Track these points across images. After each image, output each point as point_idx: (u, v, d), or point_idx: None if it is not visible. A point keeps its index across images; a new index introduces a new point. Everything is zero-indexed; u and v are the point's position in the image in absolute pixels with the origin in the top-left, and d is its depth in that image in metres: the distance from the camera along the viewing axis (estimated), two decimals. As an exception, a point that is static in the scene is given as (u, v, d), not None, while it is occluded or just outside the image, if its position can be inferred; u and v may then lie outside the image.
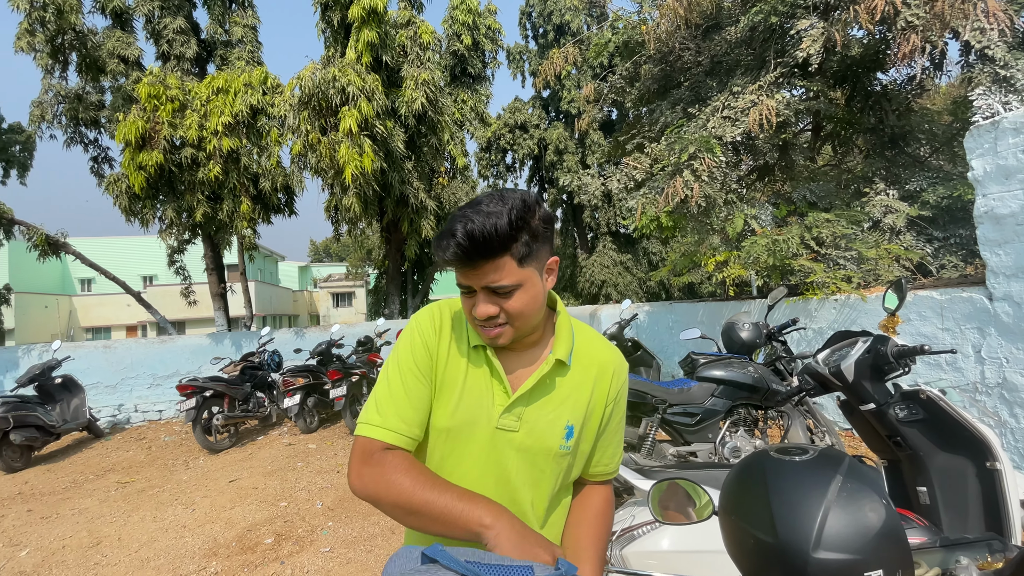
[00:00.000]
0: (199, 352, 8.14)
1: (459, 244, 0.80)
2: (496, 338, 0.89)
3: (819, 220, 4.86)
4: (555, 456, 0.93)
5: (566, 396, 0.95)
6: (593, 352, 1.00)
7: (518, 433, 0.91)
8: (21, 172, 15.55)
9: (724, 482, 0.94)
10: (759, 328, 3.52)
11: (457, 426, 0.92)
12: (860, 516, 0.74)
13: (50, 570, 3.19)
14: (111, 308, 25.34)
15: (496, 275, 0.83)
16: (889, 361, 1.96)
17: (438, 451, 0.95)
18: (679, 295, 18.17)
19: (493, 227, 0.80)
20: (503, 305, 0.86)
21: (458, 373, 0.94)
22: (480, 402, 0.92)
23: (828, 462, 0.82)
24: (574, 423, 0.94)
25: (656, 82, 7.39)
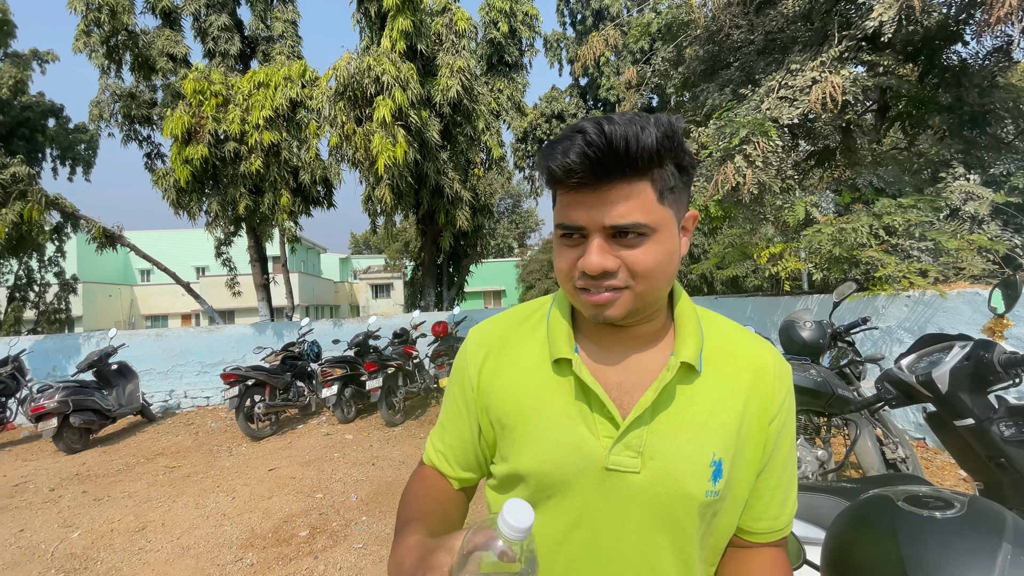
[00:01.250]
0: (243, 341, 8.37)
1: (589, 144, 0.57)
2: (604, 307, 0.63)
3: (891, 207, 4.42)
4: (700, 506, 0.65)
5: (707, 417, 0.66)
6: (738, 351, 0.71)
7: (640, 475, 0.65)
8: (86, 169, 16.53)
9: (831, 533, 0.75)
10: (823, 327, 3.21)
11: (546, 472, 0.68)
12: (1043, 605, 0.54)
13: (98, 553, 3.28)
14: (168, 297, 26.73)
15: (627, 207, 0.59)
16: (996, 371, 1.69)
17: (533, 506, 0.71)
18: (722, 289, 17.47)
19: (636, 134, 0.57)
20: (626, 258, 0.61)
21: (532, 399, 0.70)
22: (574, 434, 0.67)
23: (984, 522, 0.62)
24: (723, 456, 0.65)
25: (703, 64, 6.99)
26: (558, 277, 0.67)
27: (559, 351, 0.69)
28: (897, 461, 3.07)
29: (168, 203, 8.16)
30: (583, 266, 0.61)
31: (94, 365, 6.48)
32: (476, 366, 0.75)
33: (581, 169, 0.58)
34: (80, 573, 3.04)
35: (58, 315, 15.05)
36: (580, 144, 0.58)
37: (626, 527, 0.66)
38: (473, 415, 0.76)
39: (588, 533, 0.67)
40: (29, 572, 3.07)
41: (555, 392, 0.69)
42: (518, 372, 0.72)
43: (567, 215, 0.62)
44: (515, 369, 0.73)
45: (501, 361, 0.74)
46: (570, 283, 0.65)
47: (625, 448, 0.65)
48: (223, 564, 3.09)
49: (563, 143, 0.60)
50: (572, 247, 0.63)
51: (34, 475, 5.05)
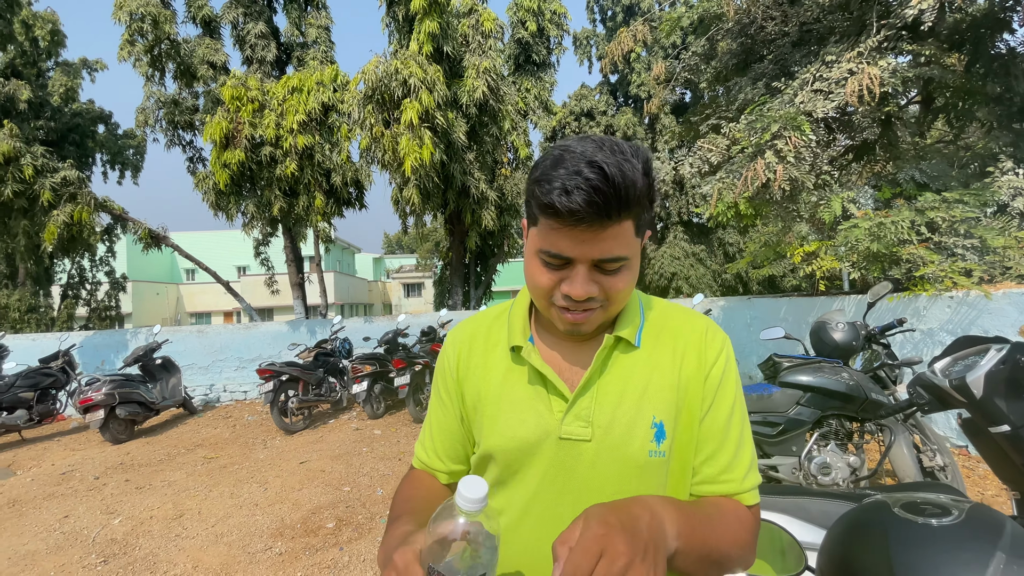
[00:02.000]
0: (279, 338, 8.65)
1: (596, 190, 0.59)
2: (580, 324, 0.69)
3: (935, 202, 4.19)
4: (644, 466, 0.70)
5: (645, 383, 0.72)
6: (673, 325, 0.78)
7: (591, 442, 0.70)
8: (134, 173, 17.40)
9: (827, 538, 0.73)
10: (856, 329, 3.09)
11: (511, 447, 0.74)
12: (1040, 619, 0.51)
13: (137, 539, 3.46)
14: (211, 296, 27.87)
15: (614, 244, 0.64)
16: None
17: (499, 482, 0.77)
18: (758, 289, 16.98)
19: (632, 176, 0.61)
20: (604, 283, 0.67)
21: (497, 385, 0.77)
22: (532, 411, 0.73)
23: (981, 530, 0.59)
24: (664, 417, 0.71)
25: (735, 57, 6.80)
26: (534, 292, 0.71)
27: (514, 340, 0.77)
28: (935, 469, 2.93)
29: (208, 205, 8.53)
30: (570, 292, 0.66)
31: (140, 360, 6.82)
32: (453, 361, 0.83)
33: (587, 214, 0.60)
34: (119, 558, 3.21)
35: (108, 312, 15.89)
36: (586, 190, 0.59)
37: (581, 494, 0.71)
38: (456, 406, 0.83)
39: (548, 503, 0.73)
40: (71, 556, 3.26)
41: (516, 377, 0.77)
42: (486, 363, 0.80)
43: (556, 245, 0.65)
44: (483, 360, 0.80)
45: (472, 354, 0.82)
46: (547, 299, 0.70)
47: (575, 419, 0.71)
48: (253, 552, 3.21)
49: (563, 180, 0.61)
50: (554, 269, 0.67)
51: (81, 464, 5.36)
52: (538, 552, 0.72)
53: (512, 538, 0.73)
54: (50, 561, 3.20)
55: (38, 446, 6.25)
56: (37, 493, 4.49)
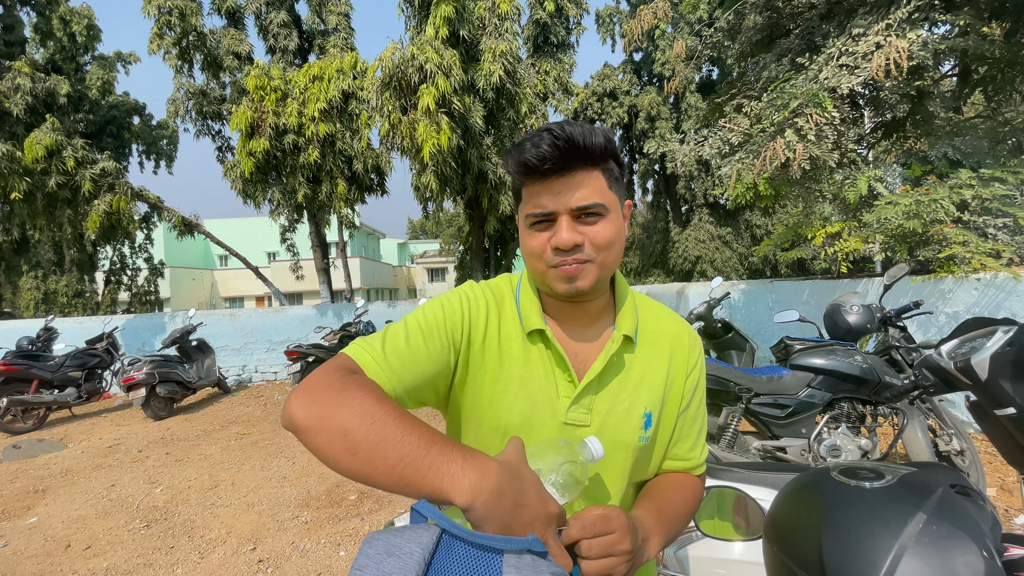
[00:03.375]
0: (306, 321, 8.95)
1: (557, 138, 0.70)
2: (576, 277, 0.73)
3: (969, 180, 4.02)
4: (633, 450, 0.80)
5: (640, 379, 0.82)
6: (661, 326, 0.87)
7: (589, 428, 0.79)
8: (168, 163, 17.97)
9: (774, 499, 0.78)
10: (871, 311, 3.04)
11: (517, 424, 0.79)
12: (946, 570, 0.56)
13: (177, 507, 3.71)
14: (244, 281, 28.80)
15: (587, 191, 0.72)
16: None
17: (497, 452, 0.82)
18: (786, 272, 16.56)
19: (590, 133, 0.72)
20: (588, 234, 0.73)
21: (513, 363, 0.81)
22: (543, 395, 0.79)
23: (909, 492, 0.64)
24: (652, 410, 0.81)
25: (759, 32, 6.57)
26: (529, 259, 0.78)
27: (534, 323, 0.80)
28: (952, 454, 2.89)
29: (236, 193, 8.81)
30: (556, 243, 0.72)
31: (177, 341, 7.17)
32: (477, 319, 0.80)
33: (552, 156, 0.70)
34: (160, 523, 3.47)
35: (148, 297, 16.63)
36: (549, 139, 0.70)
37: None
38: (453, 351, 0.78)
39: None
40: (117, 521, 3.53)
41: (530, 358, 0.81)
42: (502, 337, 0.82)
43: (538, 203, 0.73)
44: (501, 333, 0.82)
45: (491, 324, 0.81)
46: (542, 262, 0.75)
47: (579, 407, 0.79)
48: (281, 520, 3.42)
49: (531, 141, 0.72)
50: (542, 231, 0.74)
51: (125, 438, 5.72)
52: None
53: None
54: (99, 525, 3.47)
55: (87, 421, 6.69)
56: (87, 464, 4.83)
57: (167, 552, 3.07)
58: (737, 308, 6.98)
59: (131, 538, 3.26)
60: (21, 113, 10.36)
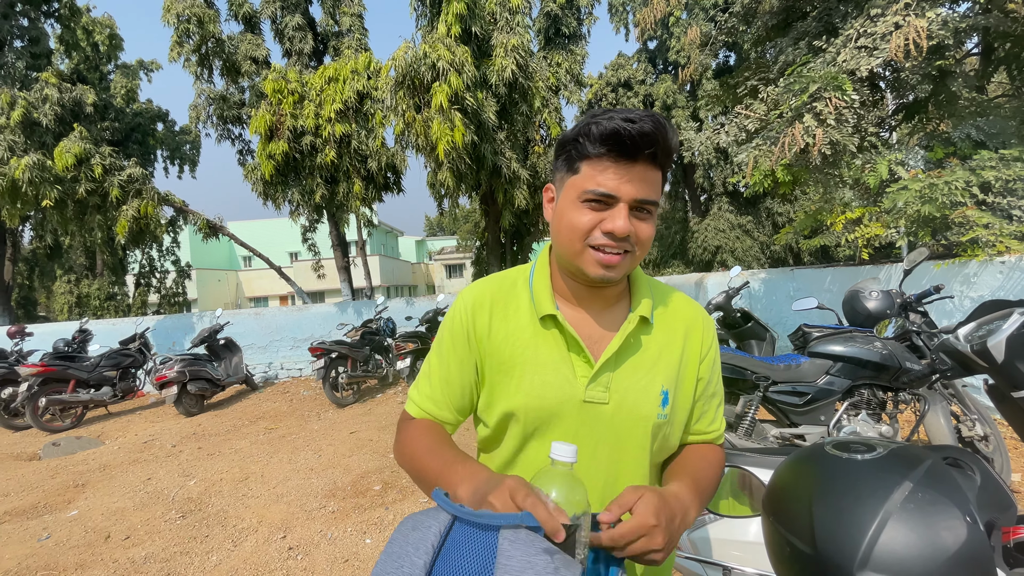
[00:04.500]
0: (328, 319, 9.14)
1: (658, 124, 0.72)
2: (613, 266, 0.77)
3: (992, 160, 3.92)
4: (653, 427, 0.83)
5: (656, 358, 0.85)
6: (676, 309, 0.91)
7: (608, 405, 0.81)
8: (192, 167, 18.42)
9: (772, 475, 0.82)
10: (891, 297, 3.01)
11: (536, 405, 0.82)
12: (929, 534, 0.59)
13: (210, 498, 3.87)
14: (268, 281, 29.41)
15: (651, 187, 0.75)
16: (1056, 339, 1.57)
17: (516, 437, 0.85)
18: (809, 260, 16.23)
19: (675, 134, 0.75)
20: (637, 227, 0.76)
21: (524, 349, 0.84)
22: (559, 376, 0.82)
23: (898, 463, 0.67)
24: (669, 388, 0.84)
25: (775, 16, 6.46)
26: (568, 233, 0.78)
27: (546, 308, 0.84)
28: (975, 439, 2.86)
29: (257, 195, 9.02)
30: (611, 228, 0.74)
31: (205, 340, 7.41)
32: (471, 320, 0.87)
33: (646, 140, 0.71)
34: (195, 514, 3.62)
35: (176, 298, 17.13)
36: (652, 123, 0.71)
37: (597, 448, 0.83)
38: (472, 361, 0.88)
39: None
40: (154, 512, 3.70)
41: (543, 342, 0.84)
42: (511, 326, 0.86)
43: (603, 183, 0.74)
44: (508, 324, 0.86)
45: (494, 317, 0.87)
46: (583, 241, 0.77)
47: (597, 385, 0.82)
48: (310, 510, 3.54)
49: (625, 115, 0.72)
50: (595, 211, 0.75)
51: (159, 434, 5.95)
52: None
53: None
54: (137, 516, 3.65)
55: (122, 419, 6.97)
56: (123, 459, 5.05)
57: (202, 541, 3.21)
58: (757, 297, 6.90)
59: (168, 528, 3.42)
60: (50, 123, 10.75)
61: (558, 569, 0.51)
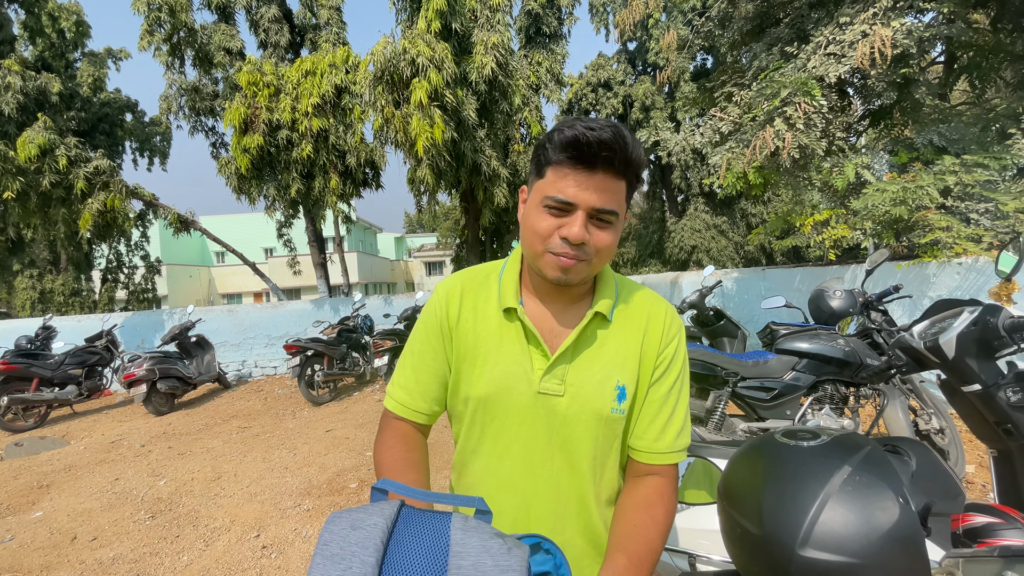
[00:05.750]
0: (304, 316, 9.01)
1: (617, 134, 0.72)
2: (567, 271, 0.79)
3: (954, 166, 4.09)
4: (607, 420, 0.84)
5: (614, 354, 0.85)
6: (639, 305, 0.90)
7: (563, 398, 0.83)
8: (162, 160, 17.89)
9: (727, 463, 0.86)
10: (853, 296, 3.13)
11: (493, 394, 0.85)
12: (865, 514, 0.64)
13: (181, 497, 3.80)
14: (241, 277, 28.74)
15: (611, 196, 0.75)
16: (1000, 336, 1.66)
17: (477, 424, 0.89)
18: (782, 260, 16.65)
19: (637, 144, 0.75)
20: (594, 236, 0.77)
21: (488, 339, 0.87)
22: (517, 367, 0.85)
23: (839, 449, 0.72)
24: (626, 383, 0.84)
25: (750, 22, 6.61)
26: (532, 237, 0.81)
27: (508, 302, 0.87)
28: (931, 432, 2.99)
29: (231, 189, 8.83)
30: (566, 234, 0.76)
31: (176, 338, 7.23)
32: (444, 310, 0.91)
33: (606, 148, 0.72)
34: (165, 514, 3.55)
35: (145, 294, 16.62)
36: (612, 132, 0.72)
37: (551, 442, 0.85)
38: (444, 350, 0.91)
39: (526, 446, 0.86)
40: (122, 513, 3.62)
41: (506, 334, 0.87)
42: (477, 316, 0.89)
43: (563, 190, 0.75)
44: (474, 314, 0.90)
45: (464, 307, 0.90)
46: (543, 244, 0.79)
47: (552, 377, 0.84)
48: (284, 508, 3.51)
49: (588, 124, 0.73)
50: (555, 216, 0.77)
51: (127, 434, 5.80)
52: (516, 489, 0.87)
53: (493, 477, 0.88)
54: (104, 517, 3.56)
55: (88, 419, 6.76)
56: (90, 459, 4.91)
57: (173, 541, 3.15)
58: (730, 296, 7.07)
59: (137, 529, 3.35)
60: (13, 112, 10.32)
61: (511, 549, 0.53)
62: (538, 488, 0.86)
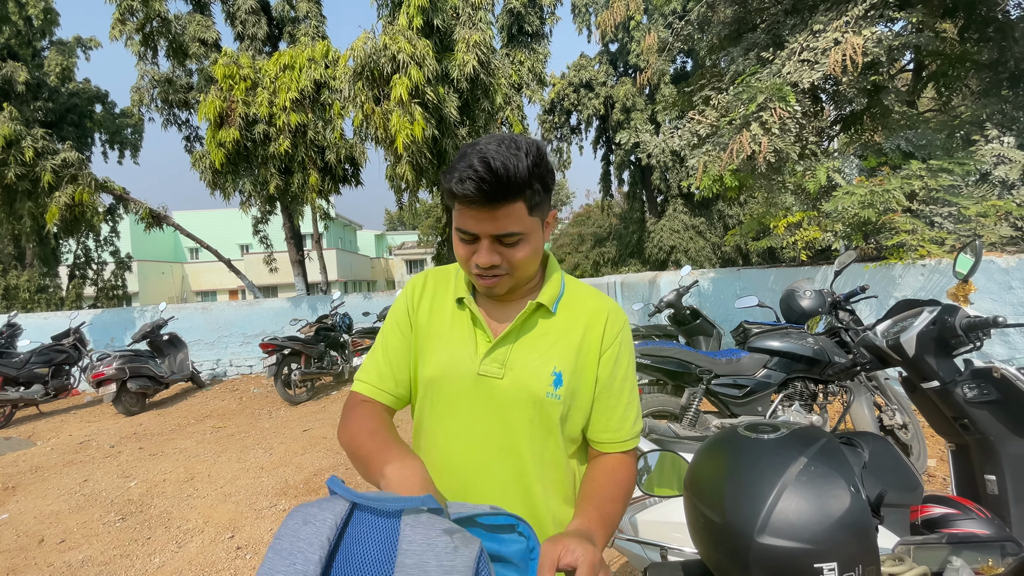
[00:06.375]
0: (281, 314, 8.88)
1: (482, 179, 0.75)
2: (493, 287, 0.87)
3: (920, 170, 4.25)
4: (542, 403, 0.88)
5: (554, 342, 0.91)
6: (583, 301, 0.96)
7: (502, 380, 0.89)
8: (133, 153, 17.38)
9: (693, 456, 0.89)
10: (822, 296, 3.23)
11: (439, 376, 0.92)
12: (819, 502, 0.67)
13: (152, 499, 3.72)
14: (216, 274, 28.08)
15: (507, 222, 0.80)
16: (957, 334, 1.74)
17: (427, 404, 0.95)
18: (757, 261, 17.02)
19: (515, 167, 0.77)
20: (506, 254, 0.84)
21: (442, 325, 0.95)
22: (462, 350, 0.91)
23: (797, 442, 0.75)
24: (563, 370, 0.89)
25: (728, 27, 6.74)
26: (458, 259, 0.90)
27: (459, 292, 0.95)
28: (895, 428, 3.10)
29: (206, 184, 8.63)
30: (476, 261, 0.84)
31: (147, 336, 7.06)
32: (411, 297, 1.00)
33: (476, 198, 0.78)
34: (136, 515, 3.47)
35: (115, 291, 16.13)
36: (475, 180, 0.76)
37: (491, 423, 0.90)
38: (409, 335, 0.98)
39: (471, 426, 0.91)
40: (92, 515, 3.53)
41: (457, 321, 0.95)
42: (434, 305, 0.98)
43: (464, 223, 0.82)
44: (432, 303, 0.98)
45: (424, 297, 0.99)
46: (468, 268, 0.88)
47: (493, 361, 0.90)
48: (259, 509, 3.46)
49: (461, 173, 0.77)
50: (468, 243, 0.85)
51: (97, 434, 5.64)
52: (456, 470, 0.91)
53: (444, 456, 0.93)
54: (72, 519, 3.46)
55: (55, 419, 6.56)
56: (57, 460, 4.77)
57: (144, 543, 3.09)
58: (707, 295, 7.20)
59: (106, 531, 3.27)
60: (-25, 101, 9.90)
61: (457, 548, 0.52)
62: (478, 470, 0.91)
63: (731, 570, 0.70)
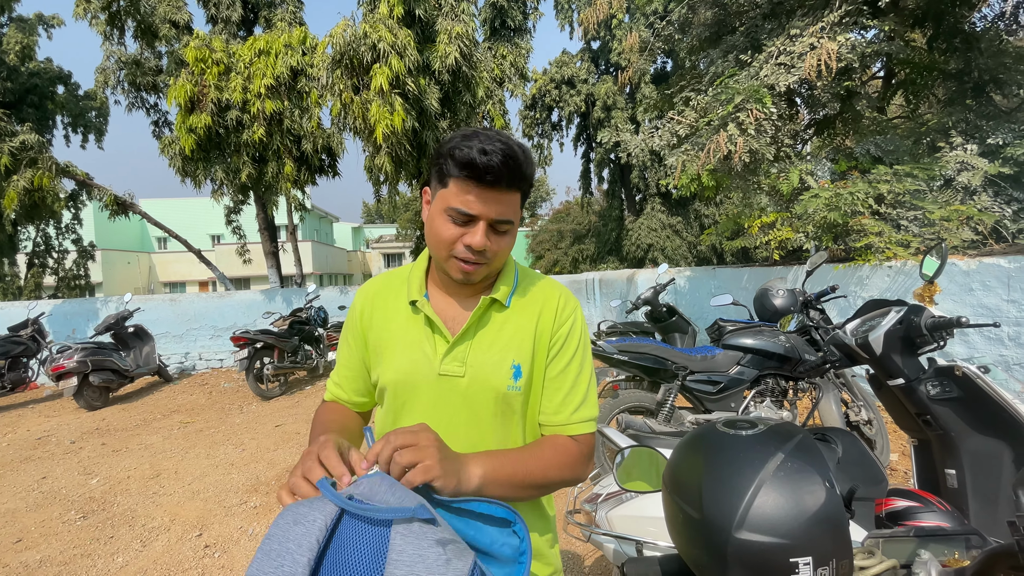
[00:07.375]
0: (253, 307, 8.66)
1: (508, 156, 0.78)
2: (472, 274, 0.87)
3: (886, 175, 4.40)
4: (503, 397, 0.89)
5: (511, 336, 0.92)
6: (536, 292, 0.98)
7: (463, 378, 0.89)
8: (98, 137, 16.65)
9: (672, 452, 0.89)
10: (795, 295, 3.31)
11: (400, 381, 0.92)
12: (795, 498, 0.68)
13: (115, 497, 3.59)
14: (185, 265, 27.29)
15: (507, 208, 0.83)
16: (922, 333, 1.80)
17: (391, 411, 0.95)
18: (732, 260, 17.38)
19: (526, 157, 0.81)
20: (494, 242, 0.85)
21: (395, 331, 0.95)
22: (419, 353, 0.91)
23: (774, 438, 0.76)
24: (521, 362, 0.91)
25: (708, 29, 6.82)
26: (437, 242, 0.87)
27: (412, 295, 0.94)
28: (860, 423, 3.21)
29: (175, 171, 8.34)
30: (471, 243, 0.83)
31: (111, 328, 6.80)
32: (359, 312, 1.00)
33: (500, 174, 0.79)
34: (98, 514, 3.35)
35: (77, 281, 15.47)
36: (502, 156, 0.78)
37: (455, 419, 0.90)
38: (360, 348, 0.99)
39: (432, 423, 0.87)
40: (51, 513, 3.39)
41: (411, 324, 0.94)
42: (387, 313, 0.97)
43: (466, 203, 0.82)
44: (385, 311, 0.98)
45: (376, 307, 0.98)
46: (448, 250, 0.86)
47: (453, 360, 0.90)
48: (229, 506, 3.38)
49: (482, 146, 0.78)
50: (458, 225, 0.84)
51: (56, 429, 5.42)
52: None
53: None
54: (30, 518, 3.32)
55: (12, 413, 6.27)
56: (13, 457, 4.56)
57: (106, 542, 2.98)
58: (683, 293, 7.31)
59: (66, 530, 3.14)
60: (-76, 78, 9.35)
61: (449, 560, 0.50)
62: None
63: (709, 565, 0.71)
